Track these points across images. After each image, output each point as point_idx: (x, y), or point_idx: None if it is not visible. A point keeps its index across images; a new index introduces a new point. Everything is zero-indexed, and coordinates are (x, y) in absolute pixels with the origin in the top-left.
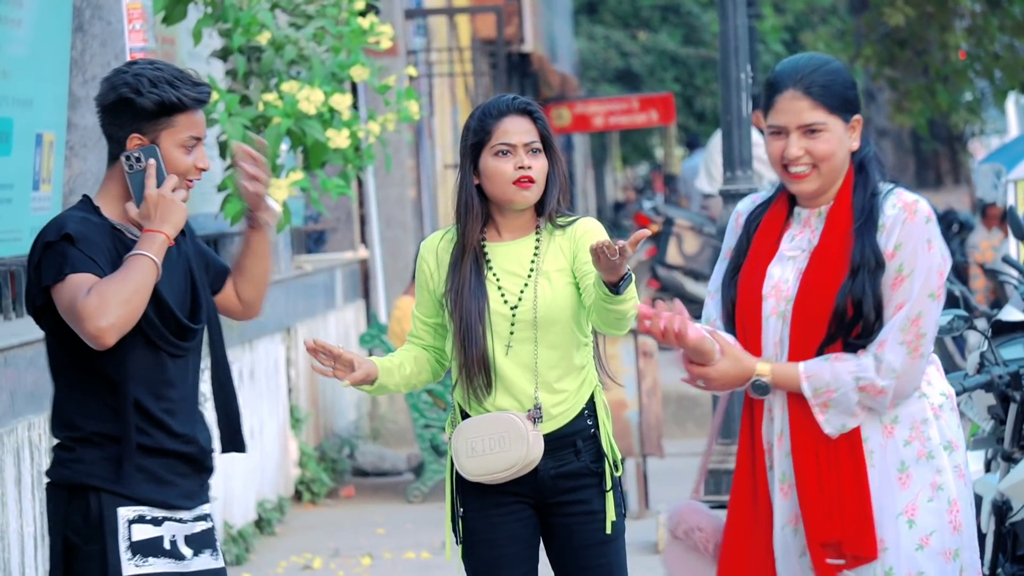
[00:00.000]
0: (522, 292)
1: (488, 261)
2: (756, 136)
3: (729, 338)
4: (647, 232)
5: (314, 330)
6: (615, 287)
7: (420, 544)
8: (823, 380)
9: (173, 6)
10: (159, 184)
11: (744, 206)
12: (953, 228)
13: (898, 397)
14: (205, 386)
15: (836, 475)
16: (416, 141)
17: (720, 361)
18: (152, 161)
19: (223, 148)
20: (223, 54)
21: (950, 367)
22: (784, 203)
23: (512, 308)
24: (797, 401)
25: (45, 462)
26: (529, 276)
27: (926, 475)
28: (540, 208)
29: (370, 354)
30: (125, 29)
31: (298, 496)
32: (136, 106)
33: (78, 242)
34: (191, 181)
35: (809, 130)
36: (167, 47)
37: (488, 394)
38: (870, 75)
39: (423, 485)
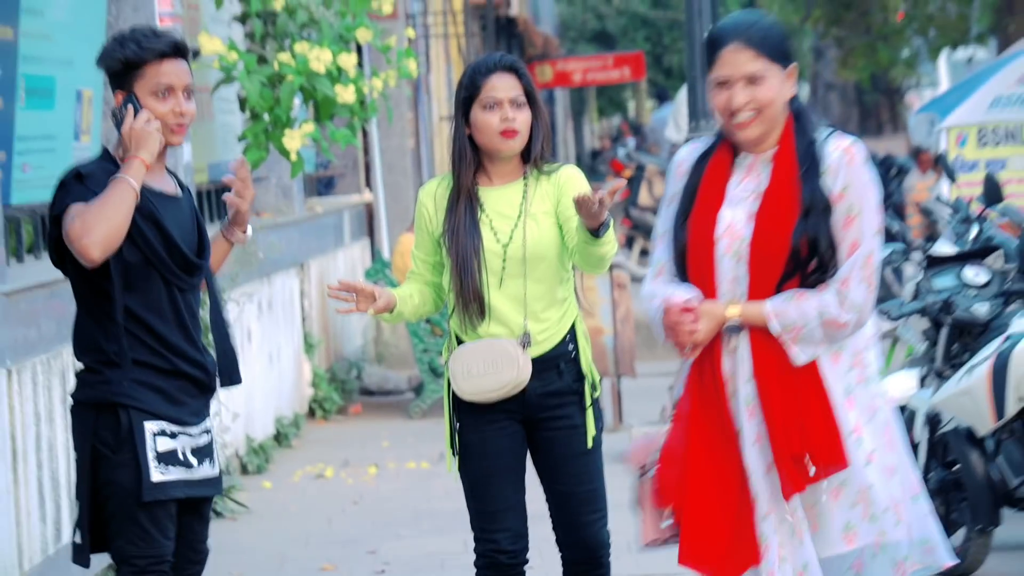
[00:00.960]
0: (512, 232)
1: (481, 204)
2: None
3: (693, 292)
4: (623, 183)
5: (325, 265)
6: (596, 232)
7: (420, 455)
8: (790, 318)
9: None
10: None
11: (685, 153)
12: (892, 171)
13: (856, 328)
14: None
15: (799, 395)
16: (414, 96)
17: (702, 326)
18: (130, 107)
19: (243, 103)
20: (242, 18)
21: (888, 295)
22: (727, 151)
23: (504, 246)
24: (758, 333)
25: None
26: (519, 218)
27: (865, 399)
28: (526, 156)
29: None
30: None
31: (311, 413)
32: (112, 68)
33: (86, 179)
34: (180, 126)
35: (751, 79)
36: (192, 12)
37: (481, 322)
38: (819, 34)
39: (422, 403)
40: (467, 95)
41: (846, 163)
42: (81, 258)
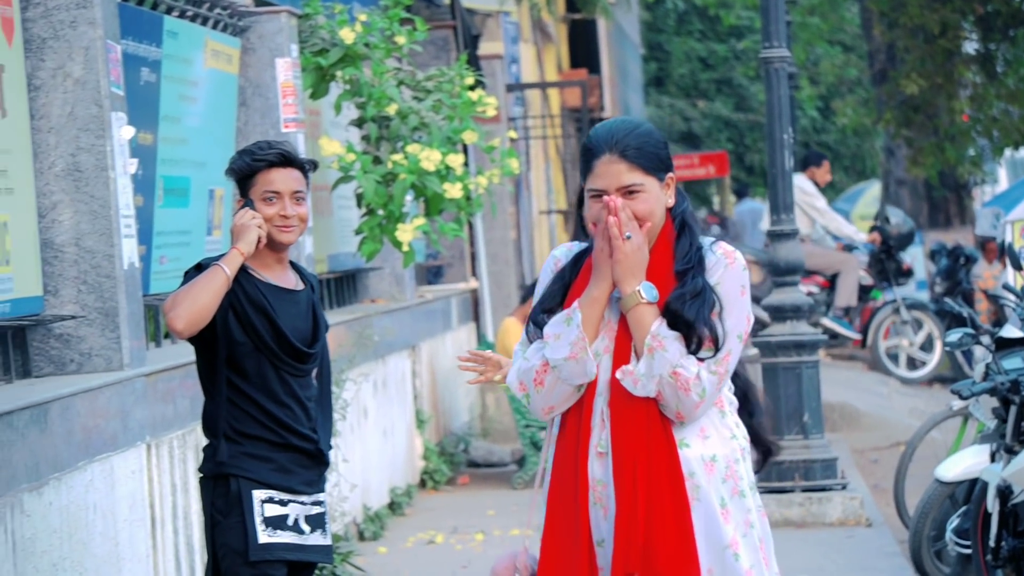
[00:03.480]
0: None
1: None
2: (810, 186)
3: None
4: None
5: (434, 347)
6: None
7: (523, 523)
8: (666, 333)
9: (318, 84)
10: None
11: (561, 252)
12: (960, 260)
13: (686, 413)
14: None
15: (657, 507)
16: (516, 192)
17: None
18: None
19: (359, 199)
20: (359, 123)
21: (960, 376)
22: None
23: None
24: (620, 441)
25: None
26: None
27: (740, 513)
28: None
29: None
30: (279, 103)
31: (423, 483)
32: (234, 177)
33: (203, 268)
34: (287, 227)
35: (628, 191)
36: (313, 117)
37: None
38: (890, 135)
39: (525, 475)
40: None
41: (726, 264)
42: (170, 329)
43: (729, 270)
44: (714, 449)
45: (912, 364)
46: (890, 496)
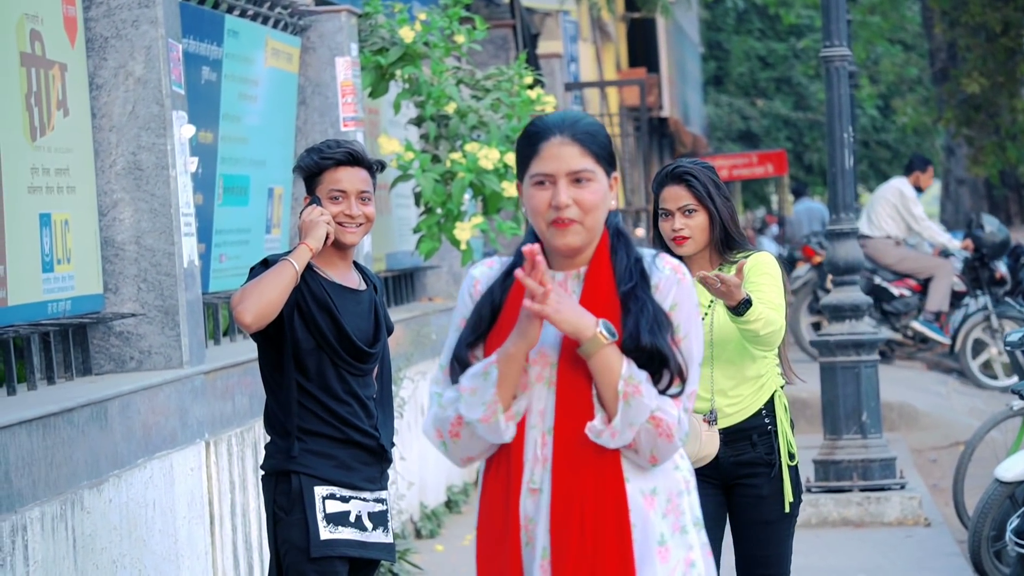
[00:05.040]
0: (703, 319)
1: None
2: (911, 191)
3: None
4: (746, 262)
5: None
6: (735, 310)
7: None
8: (638, 375)
9: (377, 83)
10: None
11: (480, 272)
12: (1021, 260)
13: (662, 458)
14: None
15: (601, 553)
16: None
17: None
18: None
19: (418, 198)
20: (418, 121)
21: (1022, 376)
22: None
23: None
24: (562, 476)
25: None
26: (709, 305)
27: (680, 550)
28: (722, 246)
29: None
30: (339, 102)
31: (478, 481)
32: (302, 174)
33: (269, 264)
34: (351, 226)
35: (576, 178)
36: (372, 116)
37: None
38: (951, 134)
39: None
40: (654, 205)
41: (677, 280)
42: (239, 323)
43: (682, 287)
44: (655, 481)
45: (990, 370)
46: (949, 496)
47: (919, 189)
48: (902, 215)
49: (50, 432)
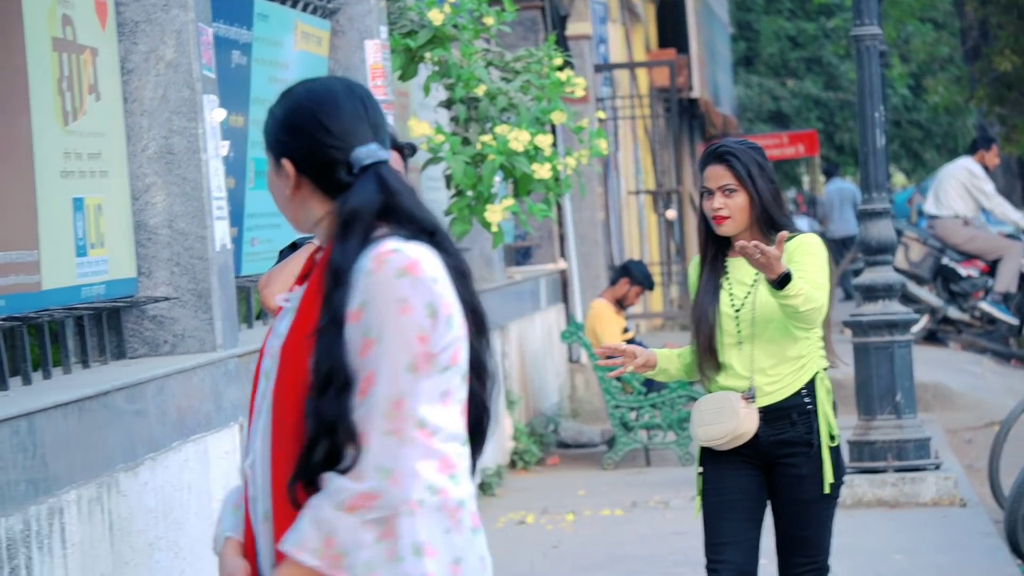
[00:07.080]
0: (746, 297)
1: (727, 273)
2: (979, 169)
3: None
4: (785, 234)
5: (523, 328)
6: (774, 284)
7: (614, 503)
8: (311, 540)
9: (407, 66)
10: None
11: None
12: None
13: (396, 501)
14: None
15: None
16: (604, 172)
17: None
18: None
19: (448, 181)
20: (447, 104)
21: None
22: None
23: (736, 310)
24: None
25: None
26: (752, 284)
27: None
28: (765, 227)
29: (569, 347)
30: (369, 85)
31: (512, 464)
32: None
33: (297, 247)
34: None
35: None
36: (402, 99)
37: (716, 376)
38: (983, 113)
39: (615, 455)
40: (700, 182)
41: (370, 271)
42: (264, 307)
43: (374, 278)
44: None
45: None
46: (984, 476)
47: (985, 168)
48: (971, 193)
49: (86, 415)
